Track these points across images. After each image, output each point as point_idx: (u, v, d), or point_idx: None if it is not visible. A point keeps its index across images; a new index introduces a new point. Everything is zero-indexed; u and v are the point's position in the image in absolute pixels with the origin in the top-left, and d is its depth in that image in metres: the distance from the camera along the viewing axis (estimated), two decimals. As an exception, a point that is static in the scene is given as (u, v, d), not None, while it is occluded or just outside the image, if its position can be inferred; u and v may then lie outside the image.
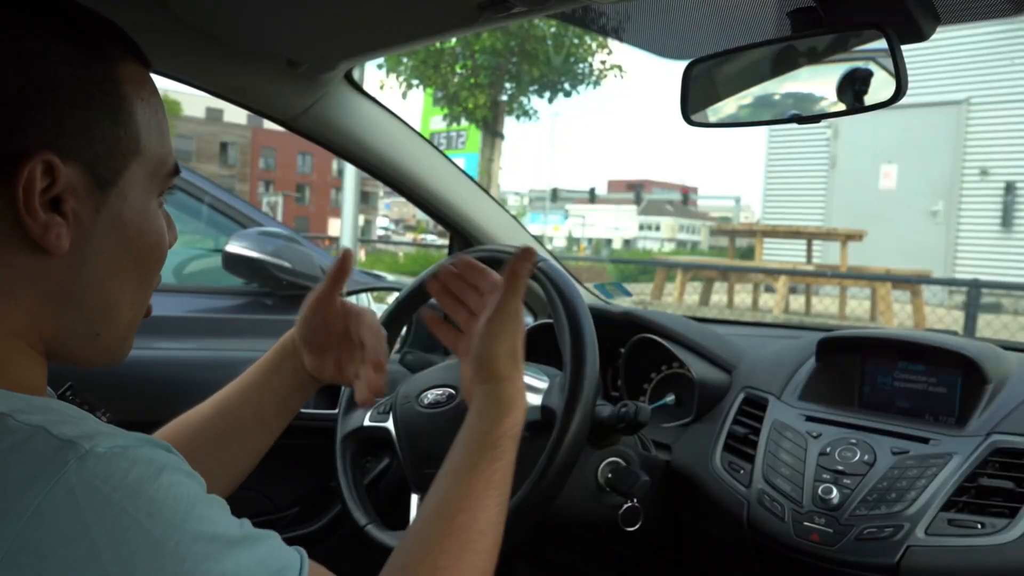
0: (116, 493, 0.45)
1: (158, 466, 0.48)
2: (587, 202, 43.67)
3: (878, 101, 0.83)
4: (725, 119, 0.96)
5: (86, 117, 0.54)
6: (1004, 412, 1.01)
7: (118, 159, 0.56)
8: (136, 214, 0.58)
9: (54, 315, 0.55)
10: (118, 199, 0.56)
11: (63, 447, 0.46)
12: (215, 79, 1.22)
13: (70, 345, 0.58)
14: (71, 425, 0.48)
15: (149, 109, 0.58)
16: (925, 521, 0.93)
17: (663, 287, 8.76)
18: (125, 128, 0.56)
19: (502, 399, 0.76)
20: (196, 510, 0.48)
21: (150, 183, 0.59)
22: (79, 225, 0.54)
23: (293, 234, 1.93)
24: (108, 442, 0.47)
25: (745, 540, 1.08)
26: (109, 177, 0.55)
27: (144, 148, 0.58)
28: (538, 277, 1.02)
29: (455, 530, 0.66)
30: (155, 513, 0.46)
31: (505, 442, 0.74)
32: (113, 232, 0.56)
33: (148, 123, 0.58)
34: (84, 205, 0.54)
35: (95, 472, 0.45)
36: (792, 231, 9.18)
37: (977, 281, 6.34)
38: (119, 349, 0.62)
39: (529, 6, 0.87)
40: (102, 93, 0.55)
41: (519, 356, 0.78)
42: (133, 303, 0.60)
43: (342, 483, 1.11)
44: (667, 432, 1.28)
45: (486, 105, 11.72)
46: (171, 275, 2.18)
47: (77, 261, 0.55)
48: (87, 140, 0.54)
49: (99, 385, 1.31)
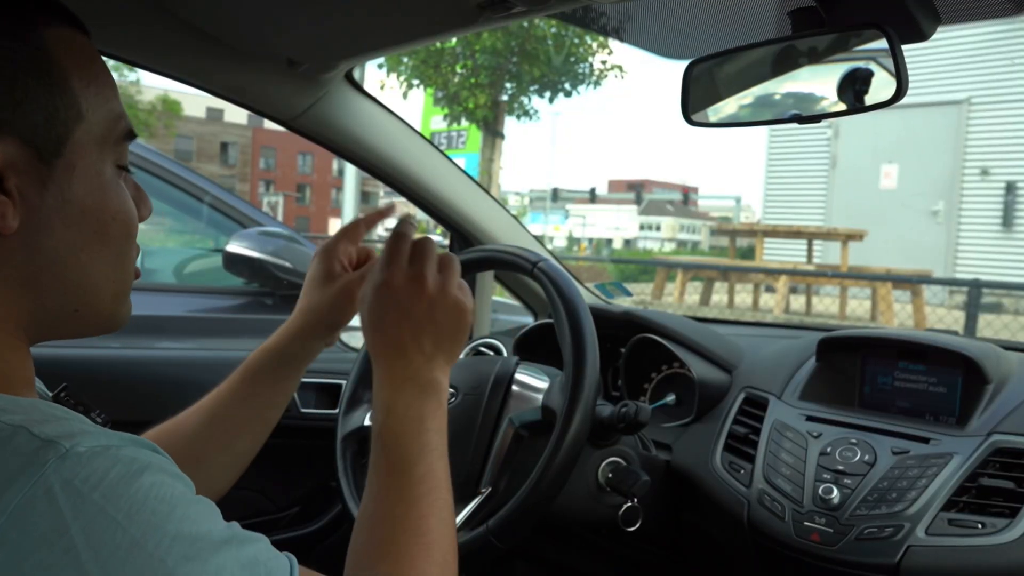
0: (95, 493, 0.45)
1: (140, 466, 0.47)
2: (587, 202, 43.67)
3: (878, 101, 0.83)
4: (725, 119, 0.96)
5: (14, 89, 0.51)
6: (1005, 412, 1.01)
7: (59, 128, 0.53)
8: (89, 183, 0.55)
9: (22, 298, 0.54)
10: (65, 171, 0.54)
11: (43, 446, 0.45)
12: (215, 79, 1.22)
13: (50, 324, 0.56)
14: (53, 424, 0.47)
15: (87, 74, 0.56)
16: (925, 521, 0.93)
17: (663, 287, 8.76)
18: (61, 96, 0.53)
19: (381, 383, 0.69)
20: (179, 511, 0.47)
21: (101, 151, 0.56)
22: (26, 202, 0.52)
23: (293, 234, 1.93)
24: (89, 441, 0.47)
25: (745, 540, 1.08)
26: (52, 148, 0.53)
27: (87, 113, 0.55)
28: (538, 277, 1.02)
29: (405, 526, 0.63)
30: (135, 513, 0.45)
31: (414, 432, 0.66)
32: (65, 207, 0.54)
33: (87, 87, 0.55)
34: (28, 180, 0.52)
35: (74, 471, 0.45)
36: (792, 231, 9.18)
37: (978, 281, 6.34)
38: (109, 321, 0.60)
39: (529, 6, 0.87)
40: (29, 61, 0.52)
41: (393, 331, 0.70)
42: (113, 276, 0.58)
43: (342, 483, 1.11)
44: (667, 432, 1.28)
45: (486, 105, 11.71)
46: (171, 275, 2.18)
47: (32, 239, 0.53)
48: (20, 112, 0.51)
49: (99, 385, 1.31)
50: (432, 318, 0.70)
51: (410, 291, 0.70)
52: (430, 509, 0.64)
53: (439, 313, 0.70)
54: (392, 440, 0.67)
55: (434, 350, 0.70)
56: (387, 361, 0.70)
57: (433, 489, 0.65)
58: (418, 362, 0.69)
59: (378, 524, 0.63)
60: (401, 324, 0.70)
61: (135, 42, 1.10)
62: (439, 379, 0.70)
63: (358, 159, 1.42)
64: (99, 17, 0.61)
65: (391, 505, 0.64)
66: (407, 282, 0.70)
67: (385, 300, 0.70)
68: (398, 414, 0.68)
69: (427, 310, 0.70)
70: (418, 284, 0.70)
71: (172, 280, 2.15)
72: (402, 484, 0.64)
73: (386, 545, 0.61)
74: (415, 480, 0.65)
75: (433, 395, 0.69)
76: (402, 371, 0.69)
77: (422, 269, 0.71)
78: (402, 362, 0.69)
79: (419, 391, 0.69)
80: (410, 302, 0.70)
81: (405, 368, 0.69)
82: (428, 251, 0.72)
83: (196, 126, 38.97)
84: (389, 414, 0.68)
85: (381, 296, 0.71)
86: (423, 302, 0.70)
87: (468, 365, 1.12)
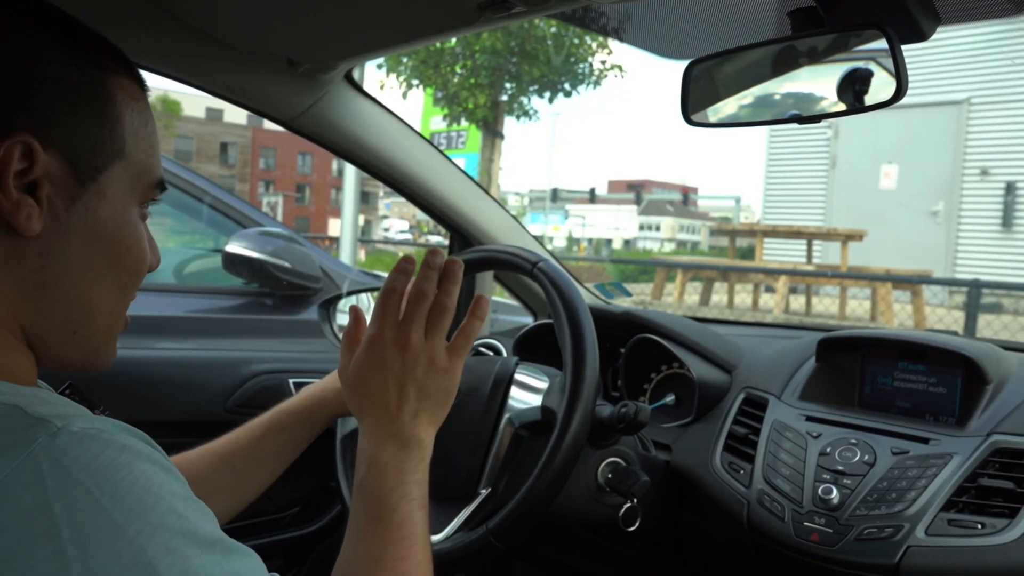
0: (83, 473, 0.45)
1: (132, 453, 0.48)
2: (587, 202, 43.68)
3: (878, 101, 0.83)
4: (725, 119, 0.96)
5: (72, 112, 0.56)
6: (1004, 412, 1.01)
7: (100, 157, 0.58)
8: (114, 214, 0.59)
9: (29, 303, 0.56)
10: (96, 195, 0.57)
11: (35, 424, 0.46)
12: (215, 79, 1.22)
13: (48, 340, 0.58)
14: (48, 406, 0.48)
15: (139, 120, 0.61)
16: (925, 521, 0.93)
17: (663, 287, 8.76)
18: (111, 130, 0.58)
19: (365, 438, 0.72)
20: (165, 503, 0.47)
21: (132, 189, 0.61)
22: (53, 212, 0.55)
23: (293, 234, 1.93)
24: (83, 423, 0.47)
25: (745, 540, 1.08)
26: (89, 172, 0.57)
27: (128, 153, 0.60)
28: (538, 277, 1.02)
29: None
30: (120, 498, 0.45)
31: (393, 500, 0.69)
32: (87, 227, 0.57)
33: (136, 132, 0.60)
34: (60, 194, 0.56)
35: (63, 450, 0.45)
36: (792, 231, 9.17)
37: (977, 281, 6.34)
38: (98, 354, 0.62)
39: (529, 6, 0.87)
40: (90, 94, 0.57)
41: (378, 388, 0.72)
42: (112, 307, 0.61)
43: (342, 483, 1.11)
44: (667, 432, 1.28)
45: (486, 105, 11.71)
46: (171, 275, 2.18)
47: (49, 248, 0.56)
48: (70, 133, 0.56)
49: (99, 385, 1.31)
50: (416, 378, 0.72)
51: (396, 349, 0.72)
52: (407, 553, 0.67)
53: (425, 374, 0.73)
54: (373, 490, 0.70)
55: (418, 409, 0.73)
56: (372, 418, 0.73)
57: (410, 536, 0.68)
58: (402, 420, 0.72)
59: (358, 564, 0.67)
60: (387, 382, 0.72)
61: (135, 42, 1.09)
62: (421, 436, 0.73)
63: (358, 159, 1.42)
64: (99, 17, 0.61)
65: (371, 547, 0.67)
66: (394, 341, 0.72)
67: (372, 357, 0.73)
68: (380, 466, 0.70)
69: (412, 370, 0.72)
70: (404, 343, 0.72)
71: (172, 280, 2.15)
72: (381, 529, 0.68)
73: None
74: (393, 526, 0.68)
75: (415, 450, 0.72)
76: (386, 428, 0.72)
77: (408, 328, 0.72)
78: (385, 419, 0.72)
79: (401, 446, 0.72)
80: (395, 360, 0.72)
81: (389, 425, 0.72)
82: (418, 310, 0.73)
83: (196, 126, 38.98)
84: (371, 466, 0.71)
85: (368, 352, 0.73)
86: (408, 361, 0.72)
87: (468, 365, 1.12)
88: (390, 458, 0.71)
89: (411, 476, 0.71)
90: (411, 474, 0.71)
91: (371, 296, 1.96)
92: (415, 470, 0.71)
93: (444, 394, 0.75)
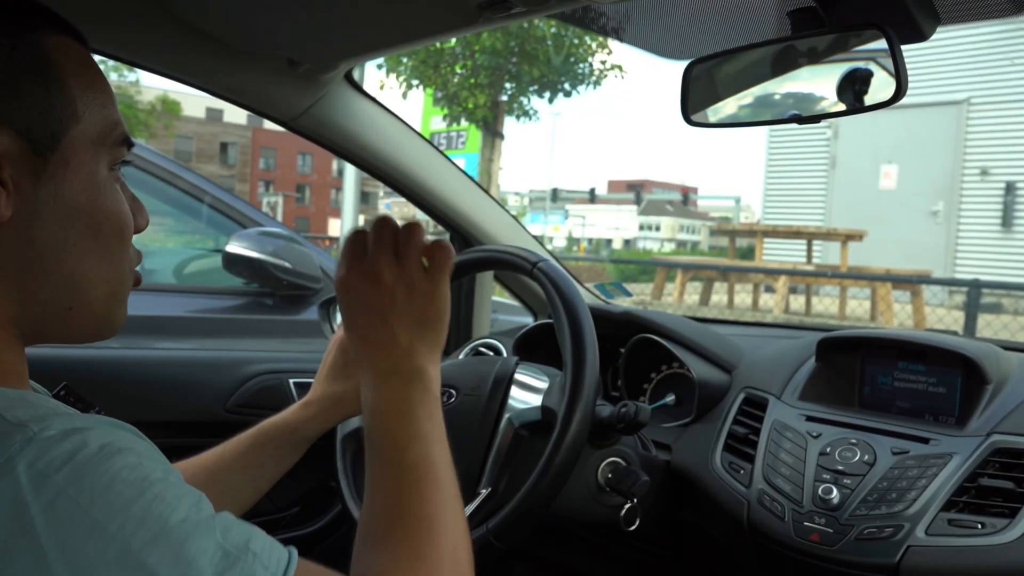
0: (59, 475, 0.44)
1: (111, 449, 0.47)
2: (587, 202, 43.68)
3: (878, 101, 0.83)
4: (725, 119, 0.96)
5: (13, 84, 0.54)
6: (1004, 412, 1.01)
7: (54, 124, 0.55)
8: (82, 181, 0.57)
9: (14, 289, 0.55)
10: (59, 165, 0.55)
11: (12, 430, 0.46)
12: (215, 79, 1.22)
13: (43, 320, 0.57)
14: (26, 409, 0.48)
15: (84, 79, 0.58)
16: (925, 521, 0.93)
17: (663, 287, 8.76)
18: (57, 94, 0.56)
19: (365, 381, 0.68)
20: (150, 492, 0.46)
21: (96, 151, 0.58)
22: (20, 192, 0.54)
23: (293, 234, 1.93)
24: (61, 424, 0.47)
25: (745, 540, 1.08)
26: (46, 143, 0.55)
27: (82, 115, 0.57)
28: (538, 277, 1.02)
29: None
30: (98, 496, 0.45)
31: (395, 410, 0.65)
32: (59, 200, 0.55)
33: (84, 92, 0.58)
34: (23, 172, 0.54)
35: (39, 455, 0.45)
36: (792, 231, 9.17)
37: (977, 281, 6.34)
38: (102, 323, 0.60)
39: (529, 6, 0.87)
40: (28, 60, 0.55)
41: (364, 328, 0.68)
42: (106, 277, 0.59)
43: (342, 483, 1.11)
44: (667, 432, 1.28)
45: (486, 105, 11.71)
46: (171, 275, 2.18)
47: (25, 230, 0.54)
48: (17, 106, 0.54)
49: (99, 385, 1.31)
50: (398, 308, 0.67)
51: (368, 286, 0.68)
52: (428, 495, 0.62)
53: (407, 302, 0.68)
54: (381, 432, 0.65)
55: (412, 339, 0.68)
56: (367, 358, 0.68)
57: (429, 474, 0.63)
58: (396, 354, 0.67)
59: (376, 518, 0.61)
60: (370, 320, 0.68)
61: (135, 42, 1.10)
62: (423, 367, 0.68)
63: (358, 159, 1.42)
64: (99, 17, 0.61)
65: (386, 496, 0.62)
66: (363, 278, 0.68)
67: (348, 299, 0.69)
68: (383, 406, 0.66)
69: (392, 301, 0.67)
70: (375, 278, 0.68)
71: (172, 280, 2.15)
72: (396, 474, 0.63)
73: (385, 536, 0.60)
74: (407, 467, 0.63)
75: (418, 383, 0.67)
76: (383, 363, 0.67)
77: (376, 261, 0.68)
78: (380, 355, 0.67)
79: (402, 381, 0.67)
80: (371, 297, 0.68)
81: (384, 361, 0.67)
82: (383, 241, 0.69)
83: (196, 126, 38.97)
84: (375, 408, 0.66)
85: (343, 296, 0.69)
86: (384, 295, 0.67)
87: (468, 365, 1.12)
88: (393, 395, 0.66)
89: (419, 411, 0.66)
90: (419, 408, 0.66)
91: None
92: (422, 403, 0.66)
93: (435, 318, 0.69)
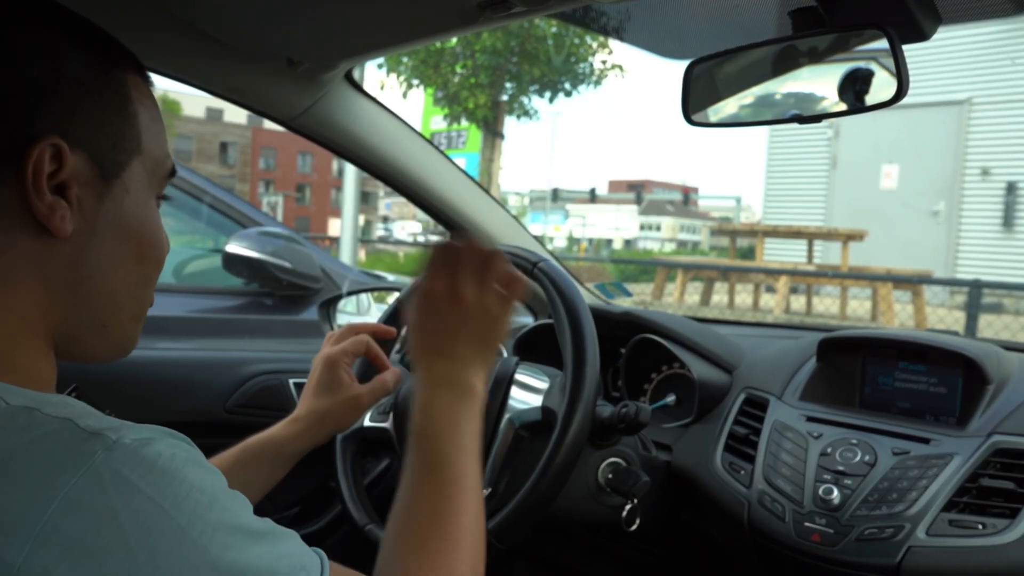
0: (143, 482, 0.47)
1: (182, 458, 0.50)
2: (587, 202, 43.65)
3: (879, 101, 0.83)
4: (726, 119, 0.96)
5: (95, 111, 0.58)
6: (1005, 412, 1.01)
7: (121, 154, 0.59)
8: (137, 208, 0.61)
9: (60, 302, 0.58)
10: (120, 191, 0.59)
11: (90, 438, 0.48)
12: (215, 79, 1.22)
13: (77, 336, 0.60)
14: (95, 419, 0.50)
15: (150, 115, 0.63)
16: (926, 522, 0.93)
17: (664, 287, 8.76)
18: (129, 127, 0.60)
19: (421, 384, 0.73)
20: (219, 501, 0.50)
21: (150, 181, 0.63)
22: (83, 211, 0.57)
23: (293, 234, 1.93)
24: (133, 434, 0.49)
25: (746, 541, 1.07)
26: (113, 170, 0.59)
27: (145, 148, 0.62)
28: (539, 278, 1.02)
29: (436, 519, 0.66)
30: (180, 503, 0.48)
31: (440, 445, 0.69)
32: (115, 223, 0.59)
33: (149, 127, 0.62)
34: (88, 193, 0.57)
35: (122, 462, 0.47)
36: (793, 231, 9.17)
37: (978, 281, 6.34)
38: (124, 343, 0.64)
39: (529, 6, 0.87)
40: (111, 93, 0.59)
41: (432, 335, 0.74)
42: (137, 298, 0.63)
43: (342, 483, 1.11)
44: (667, 432, 1.27)
45: (487, 105, 11.71)
46: (171, 275, 2.18)
47: (80, 247, 0.58)
48: (94, 132, 0.58)
49: (101, 385, 1.31)
50: (468, 327, 0.74)
51: (449, 300, 0.74)
52: (461, 509, 0.66)
53: (478, 324, 0.75)
54: (429, 440, 0.70)
55: (470, 355, 0.75)
56: (427, 363, 0.74)
57: (465, 490, 0.68)
58: (455, 366, 0.74)
59: (411, 518, 0.66)
60: (439, 329, 0.74)
61: (135, 42, 1.09)
62: (475, 383, 0.74)
63: (358, 159, 1.42)
64: (99, 17, 0.62)
65: (424, 502, 0.67)
66: (446, 291, 0.74)
67: (426, 306, 0.75)
68: (435, 415, 0.71)
69: (465, 321, 0.74)
70: (456, 293, 0.74)
71: (172, 280, 2.15)
72: (436, 482, 0.67)
73: (417, 539, 0.64)
74: (447, 480, 0.68)
75: (469, 399, 0.73)
76: (441, 373, 0.73)
77: (461, 278, 0.75)
78: (440, 364, 0.74)
79: (456, 394, 0.73)
80: (448, 311, 0.74)
81: (443, 370, 0.73)
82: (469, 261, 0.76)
83: (196, 126, 39.00)
84: (427, 414, 0.71)
85: (422, 302, 0.76)
86: (460, 312, 0.74)
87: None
88: (445, 405, 0.72)
89: (466, 427, 0.71)
90: (466, 424, 0.72)
91: (371, 296, 1.96)
92: (469, 420, 0.72)
93: (495, 341, 0.77)
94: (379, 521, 1.06)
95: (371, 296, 1.95)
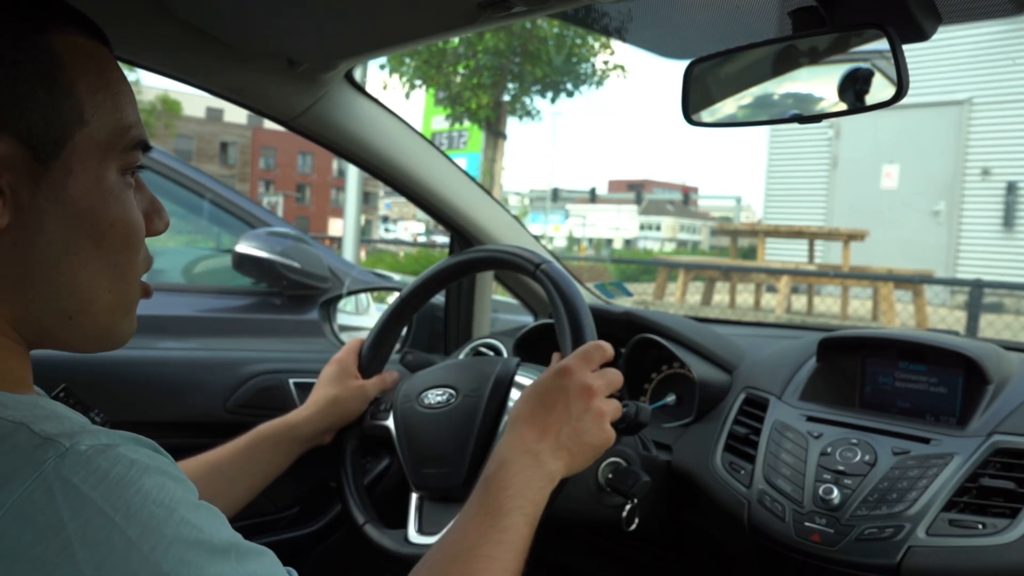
0: (94, 492, 0.45)
1: (141, 467, 0.47)
2: (588, 202, 43.64)
3: (879, 101, 0.83)
4: (726, 119, 0.96)
5: (15, 89, 0.51)
6: (1005, 412, 1.01)
7: (57, 130, 0.53)
8: (87, 188, 0.54)
9: (13, 296, 0.53)
10: (61, 173, 0.53)
11: (43, 444, 0.45)
12: (215, 79, 1.22)
13: (44, 327, 0.55)
14: (54, 422, 0.47)
15: (97, 81, 0.56)
16: (926, 521, 0.93)
17: (665, 287, 8.77)
18: (63, 99, 0.53)
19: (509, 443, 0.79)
20: (177, 514, 0.47)
21: (104, 157, 0.55)
22: (17, 200, 0.52)
23: (301, 234, 1.95)
24: (90, 440, 0.47)
25: (746, 540, 1.07)
26: (49, 149, 0.52)
27: (90, 119, 0.54)
28: (541, 279, 1.02)
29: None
30: (133, 515, 0.45)
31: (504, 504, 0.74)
32: (59, 208, 0.53)
33: (95, 95, 0.55)
34: (21, 179, 0.52)
35: (73, 470, 0.45)
36: (794, 231, 9.17)
37: (979, 281, 6.33)
38: (106, 335, 0.59)
39: (530, 6, 0.87)
40: (32, 63, 0.52)
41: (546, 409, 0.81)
42: (109, 287, 0.57)
43: (342, 483, 1.11)
44: (668, 432, 1.27)
45: (488, 105, 11.71)
46: (180, 275, 2.19)
47: (22, 238, 0.52)
48: (18, 111, 0.51)
49: (99, 386, 1.31)
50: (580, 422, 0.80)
51: (580, 389, 0.80)
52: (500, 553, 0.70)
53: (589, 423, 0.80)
54: (495, 489, 0.75)
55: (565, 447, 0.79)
56: (527, 427, 0.80)
57: (508, 541, 0.71)
58: (547, 446, 0.79)
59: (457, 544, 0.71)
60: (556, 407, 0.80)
61: (135, 42, 1.10)
62: (555, 471, 0.79)
63: (358, 159, 1.42)
64: (99, 17, 0.61)
65: (468, 535, 0.71)
66: (582, 381, 0.80)
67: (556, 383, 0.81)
68: (510, 472, 0.76)
69: (582, 412, 0.80)
70: (590, 390, 0.80)
71: (181, 280, 2.16)
72: (486, 526, 0.72)
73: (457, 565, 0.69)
74: (498, 528, 0.72)
75: (545, 480, 0.77)
76: (532, 444, 0.78)
77: (599, 382, 0.81)
78: (535, 436, 0.79)
79: (536, 468, 0.77)
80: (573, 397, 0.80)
81: (536, 443, 0.78)
82: (608, 373, 0.84)
83: (196, 126, 39.02)
84: (502, 467, 0.76)
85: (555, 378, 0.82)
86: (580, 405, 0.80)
87: (469, 366, 1.12)
88: (522, 470, 0.76)
89: (531, 495, 0.75)
90: (532, 493, 0.75)
91: (371, 296, 1.96)
92: (538, 491, 0.76)
93: (591, 449, 0.81)
94: (378, 520, 1.06)
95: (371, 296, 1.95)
